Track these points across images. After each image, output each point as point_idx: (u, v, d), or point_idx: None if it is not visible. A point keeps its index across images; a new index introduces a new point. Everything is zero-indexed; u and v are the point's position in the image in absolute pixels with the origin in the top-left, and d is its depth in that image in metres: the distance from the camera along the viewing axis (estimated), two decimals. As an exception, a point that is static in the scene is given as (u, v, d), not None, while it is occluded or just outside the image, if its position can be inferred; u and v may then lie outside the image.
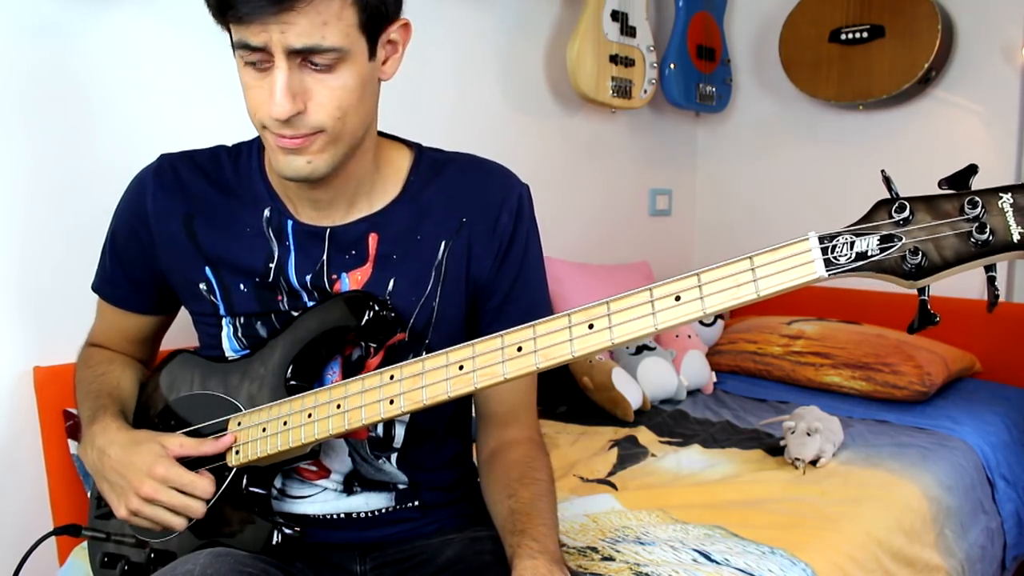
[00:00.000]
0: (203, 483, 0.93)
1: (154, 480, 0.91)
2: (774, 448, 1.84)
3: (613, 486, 1.63)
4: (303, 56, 0.83)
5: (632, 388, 2.08)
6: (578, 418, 2.06)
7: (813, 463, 1.73)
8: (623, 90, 2.42)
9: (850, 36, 2.50)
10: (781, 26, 2.65)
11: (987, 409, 2.16)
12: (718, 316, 2.58)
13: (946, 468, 1.79)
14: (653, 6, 2.68)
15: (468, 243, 1.02)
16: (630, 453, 1.81)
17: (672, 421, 2.07)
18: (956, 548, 1.70)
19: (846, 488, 1.63)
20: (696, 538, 1.36)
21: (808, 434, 1.74)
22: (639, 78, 2.48)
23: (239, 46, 0.84)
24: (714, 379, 2.38)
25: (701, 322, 2.53)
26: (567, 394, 2.14)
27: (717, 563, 1.27)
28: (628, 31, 2.42)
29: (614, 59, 2.38)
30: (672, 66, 2.61)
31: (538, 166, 2.39)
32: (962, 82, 2.53)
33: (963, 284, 2.48)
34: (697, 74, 2.70)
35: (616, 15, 2.37)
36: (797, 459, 1.72)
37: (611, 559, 1.28)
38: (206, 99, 1.59)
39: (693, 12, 2.67)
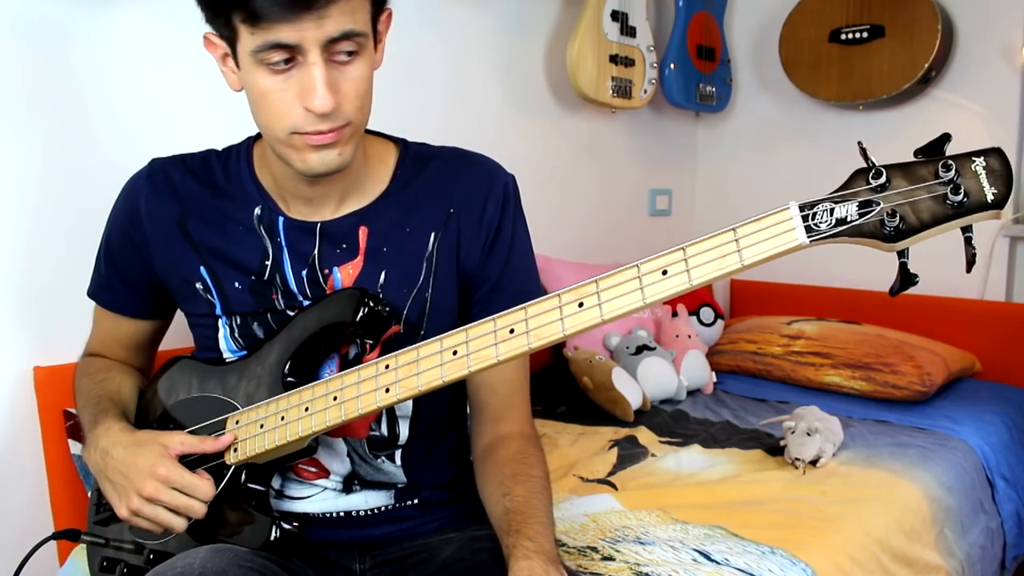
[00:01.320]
0: (204, 485, 0.93)
1: (156, 480, 0.92)
2: (774, 448, 1.84)
3: (613, 486, 1.63)
4: (330, 49, 0.85)
5: (632, 388, 2.08)
6: (578, 418, 2.06)
7: (813, 463, 1.73)
8: (623, 90, 2.42)
9: (850, 36, 2.50)
10: (781, 26, 2.64)
11: (987, 409, 2.16)
12: (718, 316, 2.58)
13: (946, 468, 1.79)
14: (653, 6, 2.68)
15: (457, 233, 1.03)
16: (630, 453, 1.81)
17: (672, 421, 2.07)
18: (956, 548, 1.70)
19: (846, 488, 1.63)
20: (696, 538, 1.36)
21: (808, 434, 1.74)
22: (639, 78, 2.48)
23: (265, 48, 0.83)
24: (714, 379, 2.38)
25: (701, 321, 2.53)
26: (567, 394, 2.14)
27: (717, 563, 1.27)
28: (628, 31, 2.42)
29: (614, 59, 2.38)
30: (672, 66, 2.61)
31: (538, 166, 2.39)
32: (962, 82, 2.53)
33: (963, 284, 2.49)
34: (697, 74, 2.70)
35: (616, 15, 2.37)
36: (797, 459, 1.72)
37: (611, 559, 1.28)
38: (207, 99, 1.59)
39: (693, 12, 2.67)
